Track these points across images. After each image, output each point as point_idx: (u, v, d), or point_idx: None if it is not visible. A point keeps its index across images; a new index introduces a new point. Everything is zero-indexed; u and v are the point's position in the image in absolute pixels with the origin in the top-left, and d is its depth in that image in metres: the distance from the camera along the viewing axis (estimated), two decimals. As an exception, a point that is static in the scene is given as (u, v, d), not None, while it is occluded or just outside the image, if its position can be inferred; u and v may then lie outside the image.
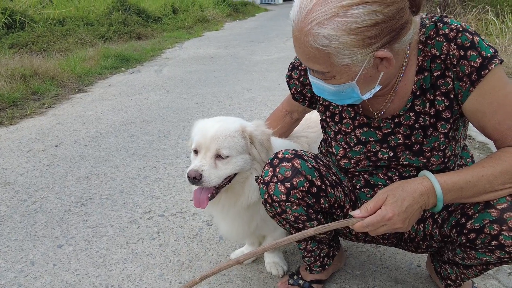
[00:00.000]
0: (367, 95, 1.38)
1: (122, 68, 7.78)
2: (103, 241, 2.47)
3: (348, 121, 1.62)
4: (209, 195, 1.73)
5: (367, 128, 1.58)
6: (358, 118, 1.59)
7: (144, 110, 5.13)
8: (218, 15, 17.99)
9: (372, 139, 1.58)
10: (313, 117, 2.19)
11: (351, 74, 1.30)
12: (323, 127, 1.76)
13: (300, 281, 1.96)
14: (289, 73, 1.78)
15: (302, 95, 1.79)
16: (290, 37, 1.31)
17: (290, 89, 1.82)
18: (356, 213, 1.39)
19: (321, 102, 1.70)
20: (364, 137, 1.60)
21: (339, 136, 1.66)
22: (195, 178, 1.64)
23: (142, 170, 3.42)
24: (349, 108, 1.60)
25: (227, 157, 1.69)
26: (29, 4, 11.52)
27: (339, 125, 1.65)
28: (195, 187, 1.78)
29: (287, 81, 1.81)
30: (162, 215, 2.72)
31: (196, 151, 1.74)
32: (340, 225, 1.41)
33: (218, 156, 1.70)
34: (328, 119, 1.70)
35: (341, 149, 1.66)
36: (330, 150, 1.74)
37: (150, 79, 6.85)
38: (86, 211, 2.82)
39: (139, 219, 2.70)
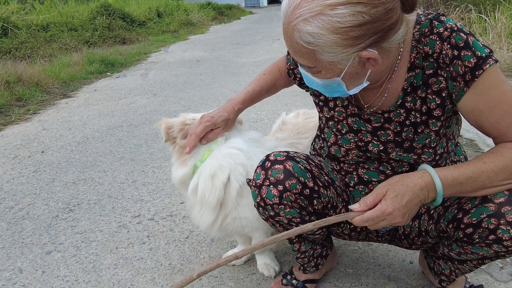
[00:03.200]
0: (353, 91, 1.38)
1: (108, 73, 7.70)
2: (92, 247, 2.43)
3: (341, 109, 1.62)
4: None
5: (357, 119, 1.58)
6: (350, 107, 1.59)
7: (131, 114, 5.08)
8: (203, 18, 17.94)
9: (363, 130, 1.58)
10: (299, 121, 2.18)
11: (336, 70, 1.29)
12: (318, 112, 1.77)
13: (294, 281, 1.95)
14: None
15: (294, 74, 1.82)
16: (276, 39, 1.31)
17: (286, 64, 1.84)
18: (355, 207, 1.37)
19: None
20: (356, 126, 1.59)
21: (330, 123, 1.66)
22: None
23: (130, 174, 3.38)
24: (342, 97, 1.60)
25: None
26: (12, 11, 11.39)
27: (331, 111, 1.65)
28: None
29: (286, 55, 1.82)
30: (152, 219, 2.69)
31: None
32: (339, 219, 1.40)
33: None
34: (321, 103, 1.70)
35: (332, 135, 1.66)
36: (322, 136, 1.75)
37: (136, 83, 6.79)
38: (74, 217, 2.78)
39: (128, 223, 2.66)
